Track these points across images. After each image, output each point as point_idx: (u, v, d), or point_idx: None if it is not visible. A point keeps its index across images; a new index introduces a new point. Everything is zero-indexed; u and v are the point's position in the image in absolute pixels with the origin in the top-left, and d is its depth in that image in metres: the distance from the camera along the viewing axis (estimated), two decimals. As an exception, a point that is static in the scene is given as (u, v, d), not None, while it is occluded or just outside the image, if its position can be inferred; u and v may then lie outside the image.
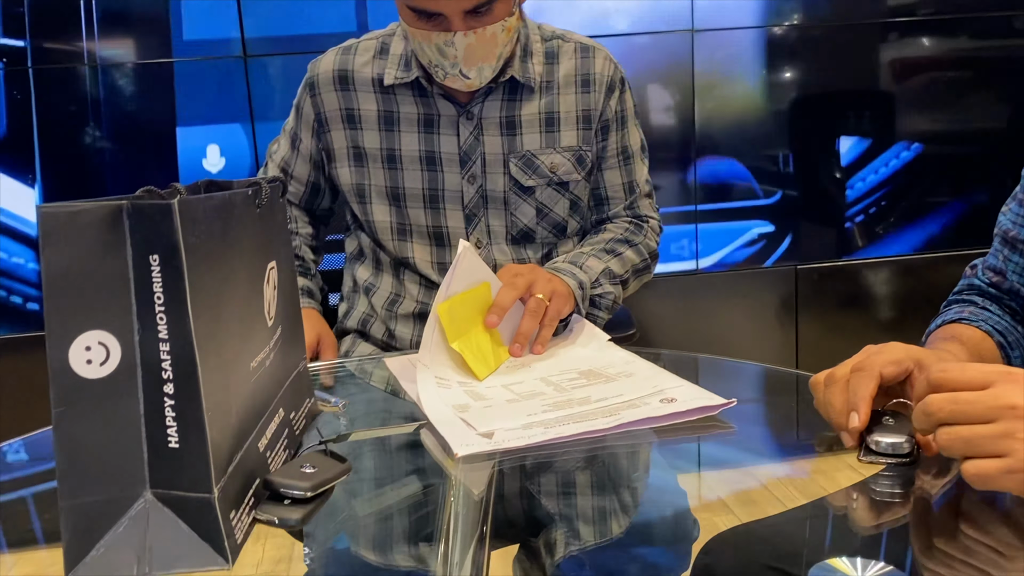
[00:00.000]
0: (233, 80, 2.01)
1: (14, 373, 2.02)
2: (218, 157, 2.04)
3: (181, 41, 1.99)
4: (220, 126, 2.03)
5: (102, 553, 0.56)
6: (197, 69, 2.00)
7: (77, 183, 2.00)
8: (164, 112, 2.01)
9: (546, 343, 1.05)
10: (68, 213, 0.54)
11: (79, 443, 0.55)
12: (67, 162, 2.00)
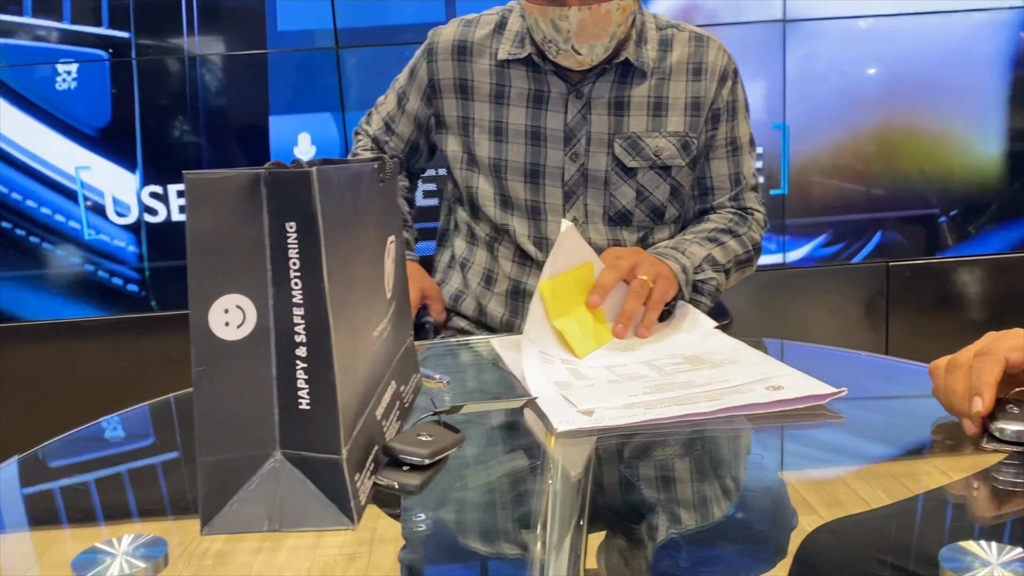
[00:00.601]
0: (325, 70, 2.05)
1: (117, 354, 2.11)
2: (309, 145, 2.09)
3: (275, 33, 2.04)
4: (311, 115, 2.07)
5: (235, 508, 0.58)
6: (290, 60, 2.05)
7: (174, 169, 2.07)
8: (258, 101, 2.06)
9: (651, 326, 1.05)
10: (210, 180, 0.56)
11: (216, 402, 0.58)
12: (165, 149, 2.07)
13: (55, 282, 2.10)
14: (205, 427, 0.58)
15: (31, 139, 2.04)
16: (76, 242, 2.08)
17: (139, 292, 2.12)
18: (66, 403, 2.12)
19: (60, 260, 2.09)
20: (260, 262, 0.57)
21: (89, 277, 2.11)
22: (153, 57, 2.03)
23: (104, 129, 2.05)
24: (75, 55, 2.01)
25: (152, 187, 2.07)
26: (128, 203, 2.07)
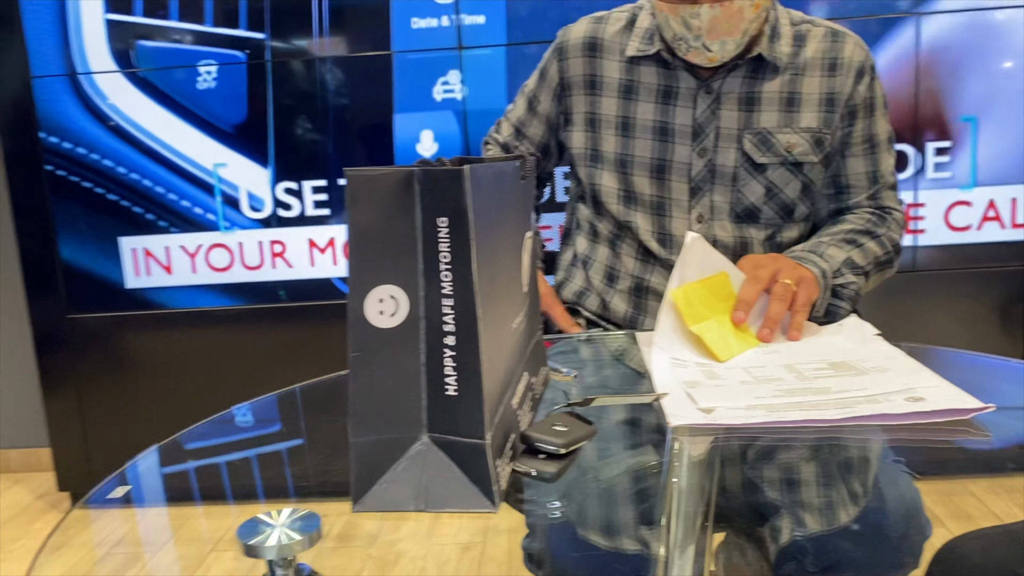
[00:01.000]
0: (448, 70, 2.10)
1: (245, 341, 2.22)
2: (431, 142, 2.15)
3: (400, 34, 2.10)
4: (434, 113, 2.13)
5: (384, 487, 0.62)
6: (415, 60, 2.11)
7: (303, 165, 2.17)
8: (382, 100, 2.13)
9: (800, 329, 1.03)
10: (368, 177, 0.60)
11: (369, 386, 0.61)
12: (296, 146, 2.17)
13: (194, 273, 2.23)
14: (358, 409, 0.61)
15: (173, 135, 2.17)
16: (212, 234, 2.20)
17: (268, 283, 2.23)
18: (201, 386, 2.25)
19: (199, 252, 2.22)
20: (412, 255, 0.60)
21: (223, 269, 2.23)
22: (285, 58, 2.12)
23: (240, 126, 2.16)
24: (215, 56, 2.13)
25: (287, 183, 2.17)
26: (262, 198, 2.18)
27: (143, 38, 2.13)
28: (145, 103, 2.16)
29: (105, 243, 2.21)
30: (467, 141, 2.14)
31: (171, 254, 2.22)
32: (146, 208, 2.19)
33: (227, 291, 2.23)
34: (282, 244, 2.20)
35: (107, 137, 2.17)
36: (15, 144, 2.17)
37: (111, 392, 2.29)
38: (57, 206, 2.19)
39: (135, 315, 2.24)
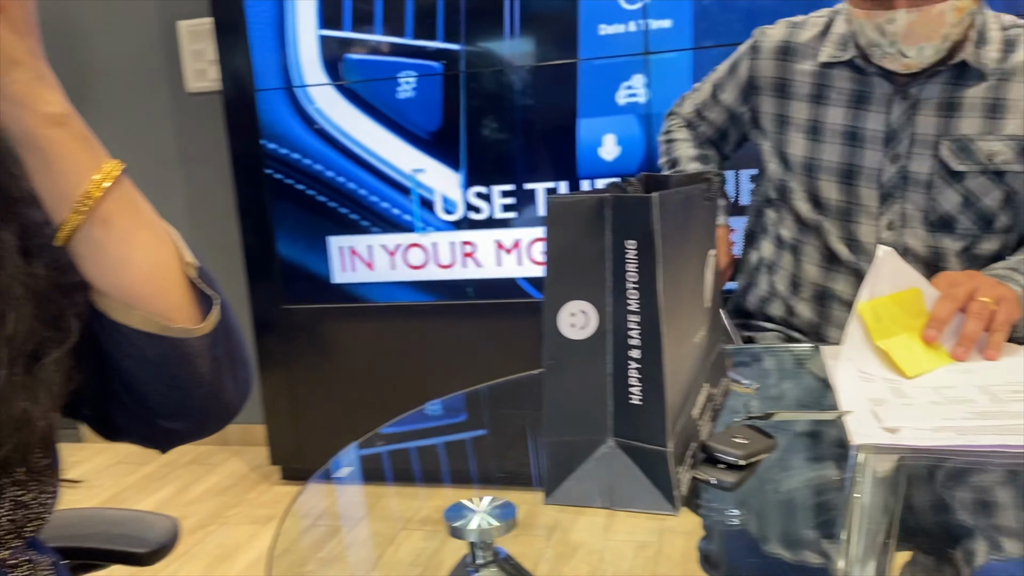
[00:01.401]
0: (632, 74, 2.14)
1: (436, 333, 2.37)
2: (613, 146, 2.19)
3: (587, 41, 2.16)
4: (617, 117, 2.17)
5: (573, 484, 0.68)
6: (599, 66, 2.16)
7: (493, 170, 2.28)
8: (567, 106, 2.20)
9: (998, 348, 1.00)
10: (566, 203, 0.66)
11: (561, 392, 0.67)
12: (486, 151, 2.28)
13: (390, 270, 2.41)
14: (551, 412, 0.67)
15: (376, 142, 2.34)
16: (410, 235, 2.36)
17: (458, 281, 2.36)
18: (396, 372, 2.42)
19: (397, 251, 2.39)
20: (602, 273, 0.66)
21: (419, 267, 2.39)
22: (478, 68, 2.24)
23: (435, 133, 2.30)
24: (414, 67, 2.28)
25: (477, 187, 2.29)
26: (455, 201, 2.31)
27: (350, 52, 2.32)
28: (351, 112, 2.34)
29: (315, 241, 2.43)
30: (650, 145, 2.17)
31: (373, 252, 2.39)
32: (351, 209, 2.38)
33: (421, 287, 2.39)
34: (472, 245, 2.33)
35: (318, 144, 2.38)
36: (242, 150, 2.42)
37: (318, 376, 2.51)
38: (275, 207, 2.43)
39: (340, 307, 2.44)
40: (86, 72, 2.84)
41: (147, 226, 0.63)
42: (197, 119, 2.77)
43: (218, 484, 2.63)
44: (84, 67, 2.84)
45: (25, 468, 0.61)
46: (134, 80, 2.81)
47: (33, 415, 0.58)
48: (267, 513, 2.40)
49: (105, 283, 0.61)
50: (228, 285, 2.74)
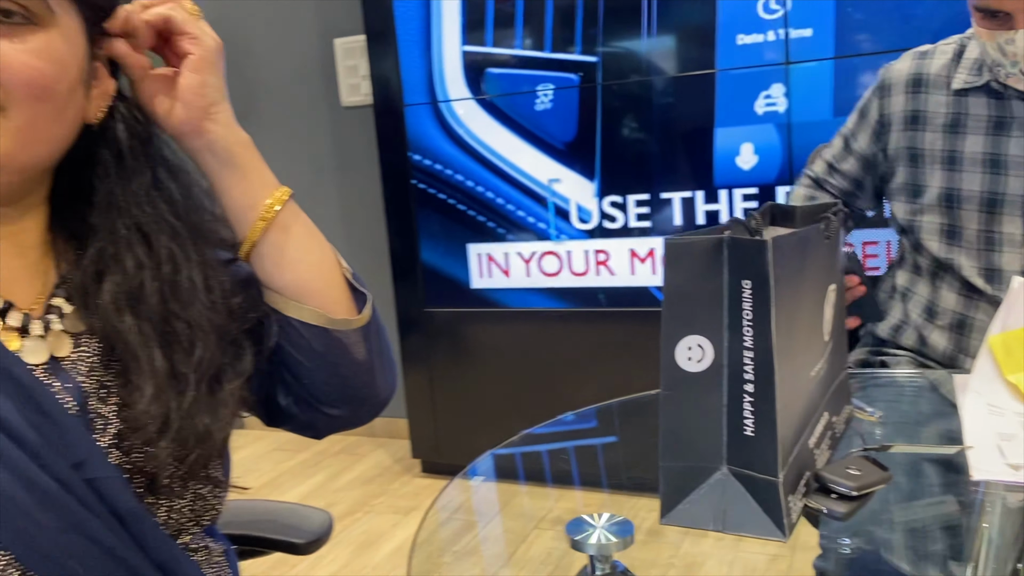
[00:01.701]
0: (771, 83, 2.13)
1: (568, 338, 2.43)
2: (751, 155, 2.19)
3: (725, 51, 2.16)
4: (755, 126, 2.16)
5: (688, 507, 0.72)
6: (737, 75, 2.16)
7: (627, 178, 2.32)
8: (704, 115, 2.21)
9: None
10: (683, 244, 0.70)
11: (677, 420, 0.72)
12: (620, 160, 2.32)
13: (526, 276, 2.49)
14: (667, 439, 0.72)
15: (514, 153, 2.43)
16: (545, 243, 2.44)
17: (591, 288, 2.41)
18: (530, 374, 2.50)
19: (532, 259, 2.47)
20: (719, 310, 0.70)
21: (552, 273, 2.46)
22: (614, 80, 2.28)
23: (571, 144, 2.36)
24: (552, 80, 2.34)
25: (612, 196, 2.33)
26: (590, 210, 2.36)
27: (491, 66, 2.41)
28: (491, 125, 2.44)
29: (456, 248, 2.54)
30: (790, 154, 2.15)
31: (509, 259, 2.49)
32: (489, 218, 2.48)
33: (555, 294, 2.46)
34: (606, 253, 2.37)
35: (459, 155, 2.49)
36: (390, 161, 2.57)
37: (456, 375, 2.63)
38: (420, 214, 2.56)
39: (478, 311, 2.55)
40: (253, 88, 3.08)
41: (312, 234, 0.76)
42: (350, 131, 2.95)
43: (364, 474, 2.80)
44: (251, 83, 3.07)
45: (206, 473, 0.71)
46: (295, 95, 3.02)
47: (213, 430, 0.68)
48: (408, 504, 2.54)
49: (282, 281, 0.73)
50: (375, 286, 2.90)
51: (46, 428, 0.60)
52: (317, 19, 2.93)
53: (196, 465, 0.68)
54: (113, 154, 0.69)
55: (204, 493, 0.71)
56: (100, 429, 0.65)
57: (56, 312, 0.67)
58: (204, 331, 0.69)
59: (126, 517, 0.63)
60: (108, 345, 0.67)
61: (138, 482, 0.66)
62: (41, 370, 0.64)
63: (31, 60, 0.60)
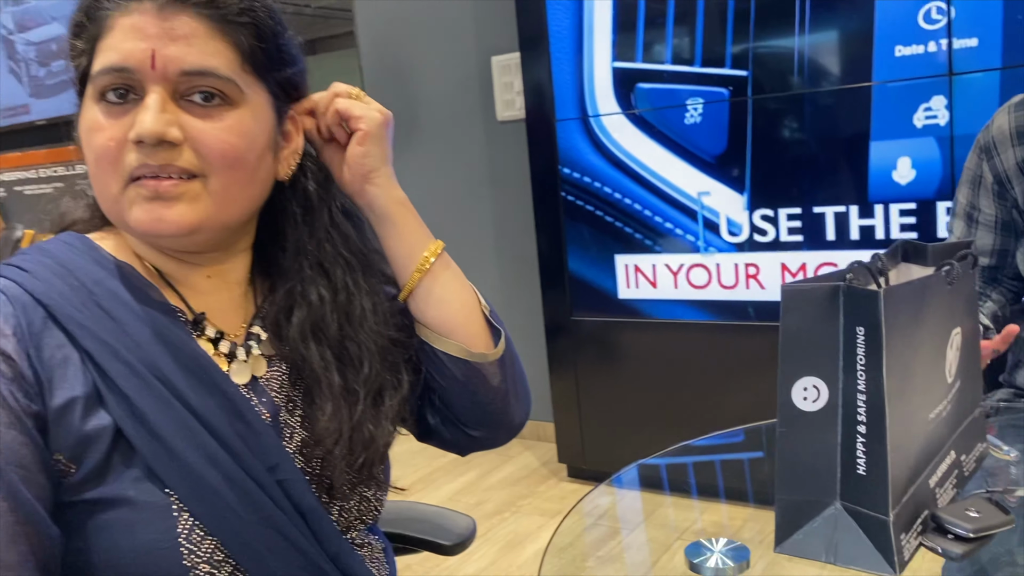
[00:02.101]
0: (931, 96, 2.06)
1: (714, 351, 2.44)
2: (908, 169, 2.12)
3: (882, 63, 2.10)
4: (914, 140, 2.10)
5: (801, 538, 0.76)
6: (895, 88, 2.10)
7: (779, 193, 2.30)
8: (859, 129, 2.16)
9: None
10: (801, 290, 0.74)
11: (792, 456, 0.76)
12: (772, 175, 2.31)
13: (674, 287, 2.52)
14: (783, 472, 0.76)
15: (663, 166, 2.46)
16: (693, 255, 2.46)
17: (740, 302, 2.41)
18: (675, 385, 2.52)
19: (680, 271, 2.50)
20: (834, 354, 0.74)
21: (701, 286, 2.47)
22: (765, 95, 2.27)
23: (721, 157, 2.37)
24: (701, 94, 2.36)
25: (763, 210, 2.33)
26: (740, 223, 2.37)
27: (641, 81, 2.46)
28: (640, 139, 2.48)
29: (603, 259, 2.60)
30: (952, 169, 2.07)
31: (656, 271, 2.52)
32: (637, 230, 2.53)
33: (702, 306, 2.47)
34: (755, 267, 2.37)
35: (608, 168, 2.55)
36: (541, 174, 2.66)
37: (602, 383, 2.69)
38: (568, 226, 2.64)
39: (624, 321, 2.60)
40: (414, 104, 3.26)
41: (458, 277, 0.87)
42: (504, 145, 3.07)
43: (512, 475, 2.91)
44: (413, 99, 3.26)
45: (372, 478, 0.82)
46: (454, 110, 3.18)
47: (376, 437, 0.80)
48: (554, 507, 2.63)
49: (431, 319, 0.85)
50: (524, 293, 3.02)
51: (248, 436, 0.73)
52: (476, 38, 3.07)
53: (364, 468, 0.80)
54: (300, 205, 0.82)
55: (368, 496, 0.83)
56: (288, 438, 0.78)
57: (255, 339, 0.80)
58: (371, 351, 0.81)
59: (308, 514, 0.75)
60: (295, 367, 0.80)
61: (316, 484, 0.78)
62: (244, 387, 0.77)
63: (225, 136, 0.72)
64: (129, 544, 0.68)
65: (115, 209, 0.72)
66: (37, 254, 0.74)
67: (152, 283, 0.76)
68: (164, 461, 0.69)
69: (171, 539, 0.68)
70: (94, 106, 0.71)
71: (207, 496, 0.69)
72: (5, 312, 0.68)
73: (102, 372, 0.68)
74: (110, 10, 0.70)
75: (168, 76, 0.70)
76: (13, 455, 0.65)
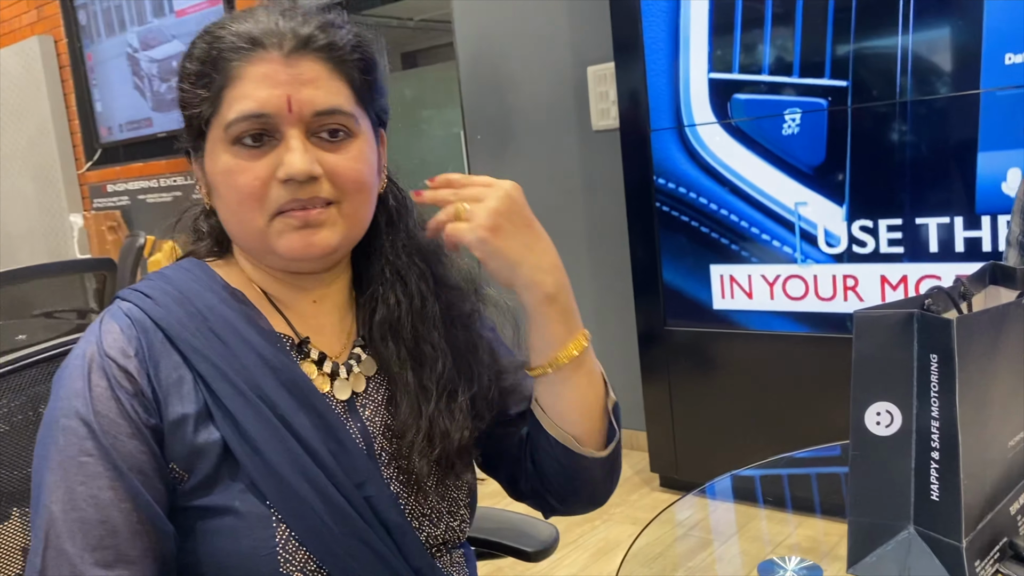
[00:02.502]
0: (1044, 104, 1.98)
1: (810, 364, 2.40)
2: (1019, 180, 2.04)
3: (991, 71, 2.03)
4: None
5: (875, 560, 0.77)
6: (1005, 96, 2.02)
7: (879, 204, 2.25)
8: (966, 138, 2.09)
9: None
10: (873, 317, 0.75)
11: (866, 479, 0.77)
12: (871, 184, 2.26)
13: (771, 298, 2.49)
14: (856, 495, 0.78)
15: (759, 177, 2.44)
16: (790, 266, 2.43)
17: (839, 314, 2.37)
18: (770, 397, 2.50)
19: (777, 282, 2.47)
20: (908, 380, 0.74)
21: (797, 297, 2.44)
22: (866, 104, 2.22)
23: (819, 168, 2.33)
24: (799, 104, 2.33)
25: (862, 221, 2.28)
26: (838, 234, 2.33)
27: (738, 92, 2.44)
28: (737, 149, 2.47)
29: (698, 269, 2.60)
30: (1065, 179, 1.98)
31: (752, 281, 2.50)
32: (732, 240, 2.51)
33: (799, 318, 2.44)
34: (854, 279, 2.32)
35: (703, 178, 2.54)
36: (635, 183, 2.68)
37: (695, 392, 2.68)
38: (663, 235, 2.65)
39: (719, 331, 2.59)
40: (511, 113, 3.33)
41: (588, 375, 0.86)
42: (599, 154, 3.10)
43: (604, 482, 2.93)
44: (509, 109, 3.33)
45: (455, 474, 0.87)
46: (550, 119, 3.23)
47: (451, 431, 0.84)
48: (645, 516, 2.63)
49: (548, 405, 0.87)
50: (617, 301, 3.04)
51: (339, 454, 0.79)
52: (572, 48, 3.11)
53: (443, 461, 0.84)
54: (385, 216, 0.89)
55: (454, 526, 0.88)
56: (379, 456, 0.84)
57: (355, 358, 0.87)
58: (444, 352, 0.86)
59: (393, 530, 0.81)
60: (385, 376, 0.86)
61: (405, 499, 0.83)
62: (341, 407, 0.84)
63: (354, 165, 0.80)
64: (233, 549, 0.75)
65: (260, 240, 0.80)
66: (160, 281, 0.82)
67: (259, 310, 0.83)
68: (264, 475, 0.75)
69: (269, 547, 0.75)
70: (227, 150, 0.78)
71: (301, 510, 0.76)
72: (129, 335, 0.76)
73: (212, 392, 0.76)
74: (235, 60, 0.77)
75: (303, 118, 0.77)
76: (134, 462, 0.73)
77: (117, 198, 5.42)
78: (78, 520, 0.71)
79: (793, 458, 1.25)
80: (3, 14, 5.88)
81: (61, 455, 0.72)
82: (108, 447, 0.72)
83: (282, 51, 0.77)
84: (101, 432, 0.72)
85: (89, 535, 0.71)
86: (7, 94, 5.80)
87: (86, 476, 0.72)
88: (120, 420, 0.73)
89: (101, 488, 0.72)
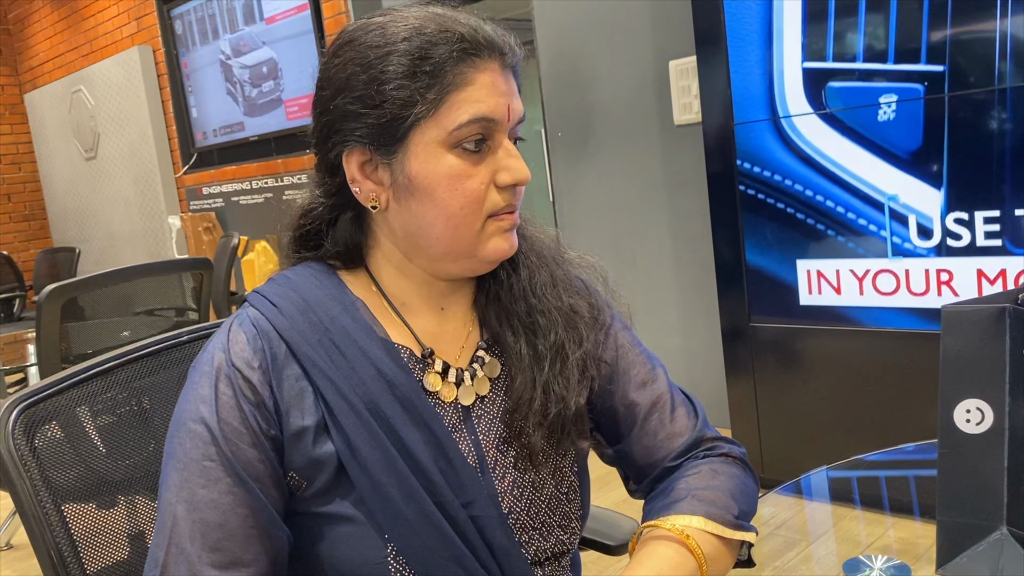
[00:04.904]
0: None
1: (902, 361, 2.33)
2: None
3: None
4: None
5: (966, 561, 0.75)
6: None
7: (977, 195, 2.16)
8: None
9: None
10: (963, 312, 0.73)
11: (956, 478, 0.75)
12: (969, 174, 2.17)
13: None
14: (945, 495, 0.76)
15: (854, 164, 2.37)
16: (880, 260, 2.35)
17: (933, 309, 2.28)
18: (858, 394, 2.43)
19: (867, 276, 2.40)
20: (999, 376, 0.72)
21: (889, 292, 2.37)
22: (964, 90, 2.14)
23: (914, 155, 2.25)
24: (895, 91, 2.26)
25: (958, 213, 2.19)
26: (932, 227, 2.24)
27: (832, 80, 2.38)
28: (833, 137, 2.40)
29: (784, 264, 2.54)
30: None
31: (840, 276, 2.44)
32: (821, 234, 2.45)
33: (891, 313, 2.36)
34: (949, 273, 2.24)
35: (796, 165, 2.47)
36: (719, 179, 2.64)
37: (781, 390, 2.63)
38: (747, 230, 2.60)
39: (806, 327, 2.53)
40: (592, 109, 3.33)
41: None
42: (681, 148, 3.07)
43: (688, 479, 2.89)
44: (591, 105, 3.33)
45: (569, 440, 0.87)
46: (631, 115, 3.21)
47: (566, 396, 0.85)
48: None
49: None
50: (701, 297, 3.01)
51: (448, 472, 0.80)
52: (653, 44, 3.09)
53: (556, 425, 0.85)
54: None
55: (564, 539, 0.88)
56: (492, 469, 0.84)
57: (479, 361, 0.88)
58: (555, 319, 0.87)
59: (497, 551, 0.81)
60: (506, 376, 0.87)
61: (516, 514, 0.84)
62: (458, 417, 0.84)
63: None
64: (347, 554, 0.79)
65: (471, 242, 0.82)
66: (286, 287, 0.84)
67: (379, 322, 0.85)
68: (370, 492, 0.78)
69: (381, 557, 0.78)
70: (448, 153, 0.79)
71: (403, 529, 0.78)
72: (255, 347, 0.80)
73: (328, 406, 0.79)
74: (467, 65, 0.78)
75: (511, 125, 0.81)
76: (253, 470, 0.77)
77: (212, 200, 5.64)
78: (199, 522, 0.75)
79: (883, 459, 1.22)
80: (105, 27, 6.18)
81: (186, 457, 0.76)
82: (229, 454, 0.76)
83: (503, 61, 0.80)
84: (223, 439, 0.76)
85: (208, 536, 0.75)
86: (111, 103, 6.10)
87: (208, 480, 0.76)
88: (242, 429, 0.77)
89: (221, 492, 0.76)
